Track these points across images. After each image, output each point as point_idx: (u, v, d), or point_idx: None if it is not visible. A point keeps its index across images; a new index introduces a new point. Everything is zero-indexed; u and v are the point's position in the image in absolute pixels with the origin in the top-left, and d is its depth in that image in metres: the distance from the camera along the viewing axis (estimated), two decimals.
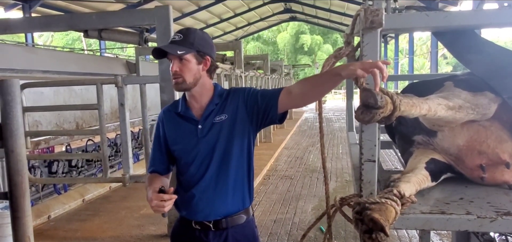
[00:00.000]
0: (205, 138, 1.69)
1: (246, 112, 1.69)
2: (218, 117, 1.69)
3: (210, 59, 1.69)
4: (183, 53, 1.62)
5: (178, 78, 1.64)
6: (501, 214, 1.24)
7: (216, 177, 1.70)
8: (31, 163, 5.28)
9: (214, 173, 1.69)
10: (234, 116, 1.69)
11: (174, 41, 1.64)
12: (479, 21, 1.38)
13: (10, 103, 1.89)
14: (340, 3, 18.36)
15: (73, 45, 30.65)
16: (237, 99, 1.71)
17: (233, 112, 1.69)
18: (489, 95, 1.52)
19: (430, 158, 1.54)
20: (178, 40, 1.64)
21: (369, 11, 1.14)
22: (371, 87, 1.16)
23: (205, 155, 1.69)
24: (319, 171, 7.40)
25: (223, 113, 1.69)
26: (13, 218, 1.94)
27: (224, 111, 1.70)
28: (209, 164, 1.69)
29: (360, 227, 1.18)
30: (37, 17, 10.04)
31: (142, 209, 5.20)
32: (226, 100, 1.72)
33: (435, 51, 15.69)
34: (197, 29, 1.71)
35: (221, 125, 1.68)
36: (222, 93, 1.76)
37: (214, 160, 1.69)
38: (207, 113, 1.70)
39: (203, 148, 1.69)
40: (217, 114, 1.70)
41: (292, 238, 4.33)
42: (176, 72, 1.64)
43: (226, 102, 1.72)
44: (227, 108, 1.70)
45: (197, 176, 1.71)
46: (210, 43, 1.72)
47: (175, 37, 1.65)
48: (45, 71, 5.55)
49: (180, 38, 1.64)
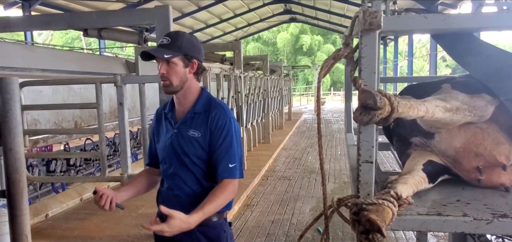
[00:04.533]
0: (175, 142, 1.77)
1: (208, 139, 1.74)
2: (192, 131, 1.75)
3: (197, 62, 1.74)
4: (170, 57, 1.67)
5: (165, 81, 1.70)
6: (497, 216, 1.24)
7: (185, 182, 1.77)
8: (29, 161, 5.27)
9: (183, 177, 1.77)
10: (204, 137, 1.74)
11: (162, 45, 1.69)
12: (478, 24, 1.38)
13: (9, 102, 1.89)
14: (340, 4, 18.37)
15: (73, 44, 30.61)
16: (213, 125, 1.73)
17: (204, 133, 1.74)
18: (486, 98, 1.52)
19: (428, 160, 1.54)
20: (166, 43, 1.69)
21: (367, 13, 1.15)
22: (370, 88, 1.17)
23: (172, 157, 1.77)
24: (317, 172, 7.41)
25: (198, 130, 1.74)
26: (11, 216, 1.95)
27: (199, 128, 1.74)
28: (176, 165, 1.77)
29: (357, 228, 1.18)
30: (36, 15, 10.04)
31: (140, 209, 5.20)
32: (206, 115, 1.75)
33: (434, 53, 15.72)
34: (186, 33, 1.77)
35: (191, 139, 1.74)
36: (205, 102, 1.79)
37: (180, 165, 1.76)
38: (184, 120, 1.77)
39: (171, 151, 1.77)
40: (192, 127, 1.75)
41: (289, 239, 4.33)
42: (163, 75, 1.69)
43: (206, 118, 1.75)
44: (203, 127, 1.74)
45: (166, 174, 1.82)
46: (198, 47, 1.77)
47: (163, 40, 1.70)
48: (44, 70, 5.54)
49: (168, 41, 1.69)
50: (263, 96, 10.46)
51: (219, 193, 1.68)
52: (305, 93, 33.66)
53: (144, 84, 4.12)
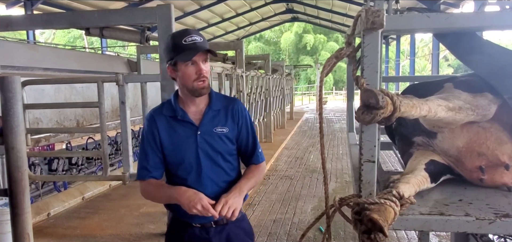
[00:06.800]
0: (204, 144, 1.70)
1: (237, 133, 1.76)
2: (220, 128, 1.72)
3: None
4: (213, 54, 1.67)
5: (205, 81, 1.64)
6: (499, 216, 1.24)
7: (214, 181, 1.72)
8: (31, 160, 5.28)
9: (213, 177, 1.72)
10: (233, 131, 1.74)
11: (200, 42, 1.63)
12: (481, 23, 1.38)
13: (11, 100, 1.89)
14: (342, 4, 18.34)
15: (75, 43, 30.66)
16: (238, 117, 1.76)
17: (232, 128, 1.74)
18: (489, 97, 1.51)
19: (430, 160, 1.53)
20: (203, 41, 1.64)
21: (370, 12, 1.14)
22: (372, 87, 1.16)
23: (203, 158, 1.71)
24: (319, 171, 7.40)
25: (224, 126, 1.72)
26: (13, 215, 1.95)
27: (225, 124, 1.73)
28: (207, 169, 1.71)
29: (359, 228, 1.18)
30: (38, 14, 10.05)
31: (142, 208, 5.21)
32: (226, 110, 1.75)
33: (437, 53, 15.67)
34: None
35: (220, 136, 1.72)
36: (220, 99, 1.78)
37: (212, 165, 1.72)
38: (207, 119, 1.72)
39: (202, 153, 1.70)
40: (217, 124, 1.72)
41: (291, 238, 4.33)
42: (205, 74, 1.64)
43: (228, 113, 1.74)
44: (229, 122, 1.74)
45: (197, 182, 1.71)
46: None
47: (196, 37, 1.63)
48: (46, 69, 5.56)
49: (201, 39, 1.64)
50: (265, 95, 10.46)
51: (255, 171, 1.79)
52: (307, 92, 33.66)
53: (146, 83, 4.13)
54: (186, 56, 1.61)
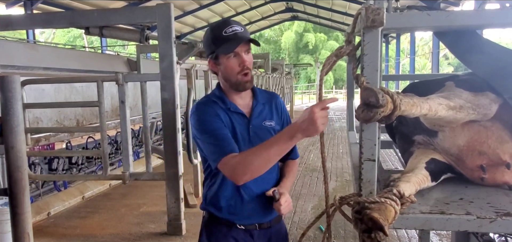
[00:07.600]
0: (256, 137, 1.64)
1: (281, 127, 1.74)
2: (268, 122, 1.69)
3: None
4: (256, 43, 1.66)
5: (249, 73, 1.59)
6: (500, 215, 1.23)
7: (264, 180, 1.66)
8: (31, 160, 5.29)
9: (263, 176, 1.59)
10: (278, 125, 1.73)
11: (241, 32, 1.57)
12: (481, 22, 1.37)
13: (11, 100, 1.89)
14: (342, 2, 18.35)
15: (75, 43, 30.66)
16: (281, 111, 1.76)
17: (277, 122, 1.73)
18: (490, 96, 1.51)
19: (430, 158, 1.53)
20: (243, 30, 1.58)
21: (370, 10, 1.14)
22: (372, 86, 1.16)
23: None
24: (319, 170, 7.40)
25: (272, 120, 1.71)
26: (13, 214, 1.95)
27: (271, 118, 1.71)
28: None
29: (359, 226, 1.17)
30: (38, 14, 10.04)
31: (142, 207, 5.21)
32: (270, 104, 1.74)
33: (437, 51, 15.68)
34: None
35: (269, 129, 1.68)
36: (262, 92, 1.77)
37: None
38: (256, 113, 1.68)
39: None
40: (264, 118, 1.70)
41: (291, 237, 4.33)
42: (249, 65, 1.59)
43: (272, 107, 1.74)
44: (274, 115, 1.73)
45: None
46: None
47: (235, 27, 1.56)
48: (46, 68, 5.55)
49: (242, 28, 1.58)
50: None
51: (294, 168, 1.82)
52: (307, 91, 33.67)
53: (145, 82, 4.12)
54: (228, 48, 1.55)
